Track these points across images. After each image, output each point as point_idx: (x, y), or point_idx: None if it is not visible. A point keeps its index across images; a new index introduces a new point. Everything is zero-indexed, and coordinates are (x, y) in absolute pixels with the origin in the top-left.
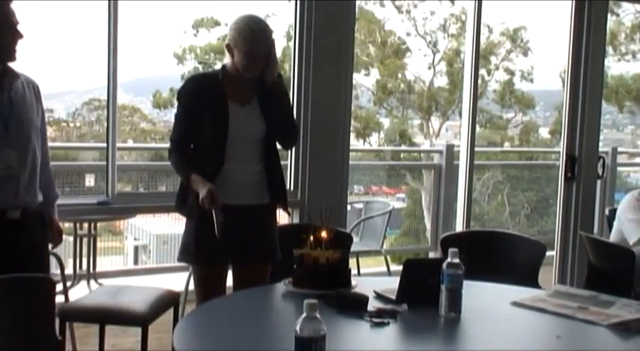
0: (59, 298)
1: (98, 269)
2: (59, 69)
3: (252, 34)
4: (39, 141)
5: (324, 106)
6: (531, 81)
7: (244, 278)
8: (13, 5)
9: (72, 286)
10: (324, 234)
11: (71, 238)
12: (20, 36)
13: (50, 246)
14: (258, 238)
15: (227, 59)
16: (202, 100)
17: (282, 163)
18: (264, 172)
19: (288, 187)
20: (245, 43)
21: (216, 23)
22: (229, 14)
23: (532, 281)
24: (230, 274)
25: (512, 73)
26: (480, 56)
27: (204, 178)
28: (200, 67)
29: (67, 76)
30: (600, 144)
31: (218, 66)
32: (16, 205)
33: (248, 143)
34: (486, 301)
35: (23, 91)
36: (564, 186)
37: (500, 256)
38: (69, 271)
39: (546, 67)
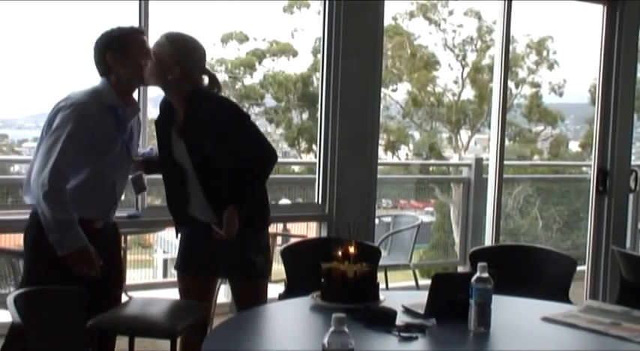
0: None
1: (128, 282)
2: (89, 82)
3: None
4: None
5: (353, 120)
6: (560, 95)
7: (236, 295)
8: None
9: None
10: (352, 249)
11: None
12: (146, 64)
13: None
14: (240, 254)
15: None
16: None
17: (311, 176)
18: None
19: (316, 200)
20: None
21: (245, 37)
22: (257, 29)
23: (563, 296)
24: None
25: (538, 86)
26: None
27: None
28: (229, 80)
29: None
30: (633, 157)
31: (247, 80)
32: (104, 220)
33: (191, 173)
34: (516, 316)
35: (134, 119)
36: (596, 200)
37: (530, 271)
38: None
39: (576, 80)
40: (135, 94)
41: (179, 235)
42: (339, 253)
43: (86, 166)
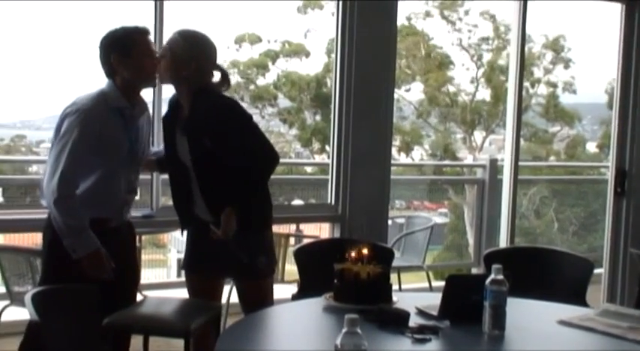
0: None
1: (142, 281)
2: (103, 84)
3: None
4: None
5: (366, 120)
6: (574, 92)
7: (240, 294)
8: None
9: None
10: (365, 250)
11: None
12: (158, 62)
13: None
14: (239, 254)
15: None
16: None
17: (324, 177)
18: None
19: (329, 201)
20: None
21: (258, 39)
22: (270, 30)
23: (579, 299)
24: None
25: (554, 86)
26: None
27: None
28: (242, 81)
29: None
30: None
31: (260, 81)
32: (117, 219)
33: (193, 171)
34: (531, 319)
35: (143, 118)
36: (614, 201)
37: (545, 273)
38: None
39: (593, 80)
40: (149, 94)
41: (184, 234)
42: (352, 254)
43: (95, 169)
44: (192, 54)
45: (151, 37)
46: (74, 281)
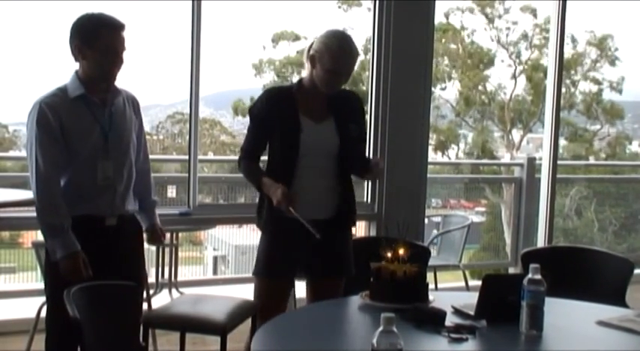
0: (143, 306)
1: (179, 278)
2: (145, 84)
3: (342, 54)
4: (135, 154)
5: (403, 119)
6: (620, 92)
7: (317, 293)
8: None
9: (154, 294)
10: (401, 249)
11: (154, 248)
12: (121, 63)
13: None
14: (330, 252)
15: (305, 72)
16: (273, 115)
17: None
18: (335, 187)
19: (365, 199)
20: (331, 60)
21: (297, 37)
22: (309, 28)
23: (619, 300)
24: (304, 288)
25: (599, 83)
26: (564, 67)
27: (274, 182)
28: (278, 80)
29: (152, 90)
30: None
31: (296, 79)
32: (112, 213)
33: (321, 159)
34: (570, 320)
35: (124, 106)
36: None
37: (584, 273)
38: (151, 279)
39: (631, 78)
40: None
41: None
42: (389, 253)
43: (69, 161)
44: None
45: (124, 34)
46: (116, 275)
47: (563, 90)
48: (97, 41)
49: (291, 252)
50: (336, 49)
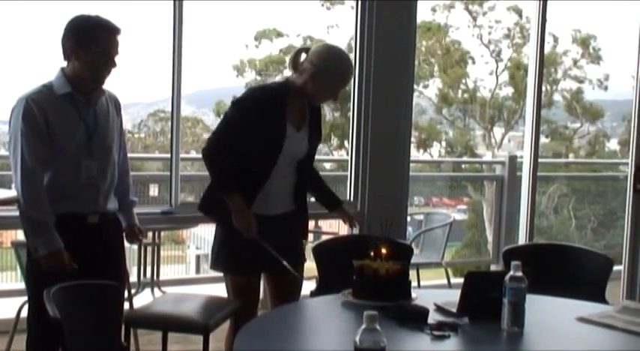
0: (124, 305)
1: (161, 277)
2: (126, 82)
3: (347, 76)
4: (118, 154)
5: (385, 117)
6: (605, 89)
7: (279, 287)
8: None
9: (136, 293)
10: (383, 247)
11: (135, 247)
12: (114, 66)
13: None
14: (290, 245)
15: (293, 77)
16: (261, 116)
17: (342, 173)
18: (295, 183)
19: (348, 197)
20: (335, 79)
21: (279, 34)
22: (291, 26)
23: (599, 296)
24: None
25: (581, 82)
26: (545, 65)
27: (244, 202)
28: (260, 79)
29: (133, 88)
30: None
31: (278, 78)
32: (95, 211)
33: (291, 162)
34: (550, 316)
35: (107, 106)
36: (633, 198)
37: (564, 270)
38: (133, 278)
39: (616, 76)
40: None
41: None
42: (372, 251)
43: (53, 158)
44: None
45: (119, 38)
46: (96, 273)
47: (548, 87)
48: (93, 44)
49: (257, 247)
50: (344, 72)
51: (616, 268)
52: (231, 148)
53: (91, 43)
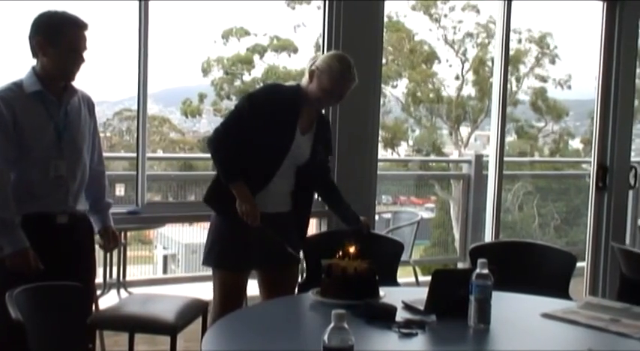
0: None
1: (128, 278)
2: (91, 80)
3: (340, 78)
4: (89, 155)
5: (352, 116)
6: (569, 87)
7: (275, 283)
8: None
9: (102, 294)
10: (351, 246)
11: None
12: (82, 61)
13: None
14: (287, 242)
15: (304, 82)
16: (273, 115)
17: None
18: (294, 186)
19: (316, 196)
20: (330, 82)
21: (246, 33)
22: (258, 25)
23: (562, 293)
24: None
25: (544, 81)
26: (509, 63)
27: (249, 191)
28: (227, 77)
29: (98, 87)
30: (632, 154)
31: (245, 77)
32: (64, 211)
33: (292, 166)
34: (516, 313)
35: (79, 106)
36: (595, 196)
37: (530, 267)
38: (99, 279)
39: (579, 76)
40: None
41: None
42: (339, 251)
43: (21, 157)
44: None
45: (87, 33)
46: (64, 274)
47: (514, 86)
48: (61, 39)
49: (252, 244)
50: (337, 73)
51: (579, 264)
52: (237, 140)
53: (58, 39)
